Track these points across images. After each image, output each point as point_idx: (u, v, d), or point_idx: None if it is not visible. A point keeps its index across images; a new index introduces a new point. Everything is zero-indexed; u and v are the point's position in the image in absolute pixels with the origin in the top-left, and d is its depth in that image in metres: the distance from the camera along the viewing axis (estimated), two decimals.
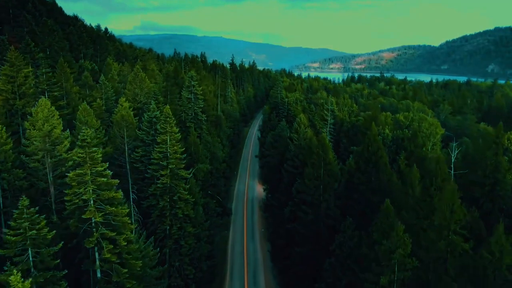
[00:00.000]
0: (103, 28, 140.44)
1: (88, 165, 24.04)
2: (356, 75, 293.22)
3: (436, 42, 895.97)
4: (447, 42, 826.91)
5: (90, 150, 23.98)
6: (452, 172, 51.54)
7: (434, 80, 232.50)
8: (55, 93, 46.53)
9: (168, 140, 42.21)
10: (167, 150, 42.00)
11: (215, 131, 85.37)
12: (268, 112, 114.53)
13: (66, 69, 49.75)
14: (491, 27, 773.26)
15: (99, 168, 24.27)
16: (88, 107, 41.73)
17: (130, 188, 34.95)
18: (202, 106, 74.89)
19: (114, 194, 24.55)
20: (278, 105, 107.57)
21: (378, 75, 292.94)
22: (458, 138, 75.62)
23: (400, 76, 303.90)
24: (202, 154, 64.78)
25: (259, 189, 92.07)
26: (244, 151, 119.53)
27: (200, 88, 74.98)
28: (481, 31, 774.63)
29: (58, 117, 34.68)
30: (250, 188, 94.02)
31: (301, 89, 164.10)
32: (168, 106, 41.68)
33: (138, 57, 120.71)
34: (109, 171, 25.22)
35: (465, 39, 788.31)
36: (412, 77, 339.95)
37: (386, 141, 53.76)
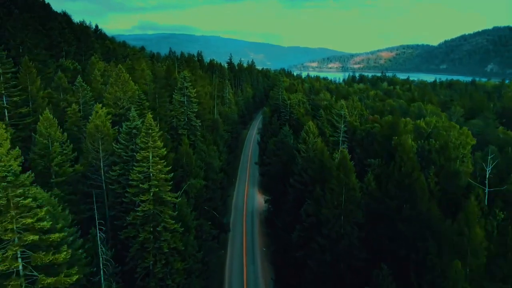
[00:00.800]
0: (104, 27, 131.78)
1: (12, 214, 15.75)
2: (357, 74, 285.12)
3: (434, 42, 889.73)
4: (445, 42, 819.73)
5: (14, 193, 15.70)
6: (487, 189, 43.60)
7: (435, 80, 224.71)
8: (15, 98, 38.22)
9: (151, 157, 33.92)
10: (149, 169, 33.69)
11: (211, 136, 77.12)
12: (268, 115, 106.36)
13: (32, 69, 41.32)
14: (490, 27, 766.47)
15: (29, 220, 15.98)
16: (51, 116, 33.32)
17: (97, 222, 26.67)
18: (196, 110, 66.64)
19: (52, 258, 16.24)
20: (280, 108, 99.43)
21: (379, 74, 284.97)
22: (482, 146, 67.67)
23: (400, 76, 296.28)
24: (196, 166, 56.53)
25: (259, 199, 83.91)
26: (243, 156, 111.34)
27: (194, 90, 66.75)
28: (480, 30, 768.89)
29: (4, 130, 26.23)
30: (249, 197, 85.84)
31: (302, 89, 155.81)
32: (150, 115, 33.29)
33: (128, 56, 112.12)
34: (48, 222, 16.86)
35: (463, 38, 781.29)
36: (411, 76, 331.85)
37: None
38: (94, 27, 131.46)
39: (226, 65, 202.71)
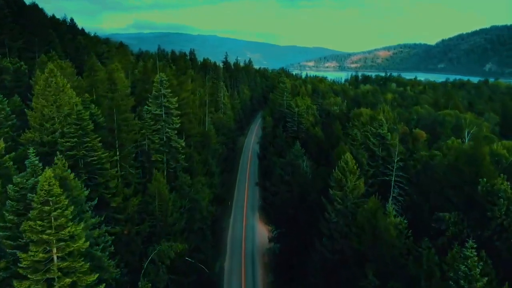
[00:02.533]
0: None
1: None
2: (356, 74, 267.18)
3: (431, 41, 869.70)
4: (443, 41, 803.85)
5: None
6: None
7: (447, 80, 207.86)
8: None
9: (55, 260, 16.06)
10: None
11: (199, 157, 59.34)
12: (270, 124, 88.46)
13: None
14: (487, 26, 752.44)
15: None
16: None
17: None
18: (178, 125, 48.75)
19: None
20: (285, 116, 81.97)
21: (382, 74, 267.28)
22: None
23: (405, 76, 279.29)
24: (174, 210, 38.79)
25: (261, 231, 66.41)
26: (240, 173, 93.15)
27: (176, 98, 48.79)
28: (478, 29, 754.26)
29: None
30: (249, 229, 68.11)
31: (305, 91, 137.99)
32: (48, 171, 15.49)
33: (103, 54, 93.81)
34: None
35: (461, 37, 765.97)
36: (410, 76, 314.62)
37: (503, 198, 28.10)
38: (69, 20, 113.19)
39: (221, 65, 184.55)
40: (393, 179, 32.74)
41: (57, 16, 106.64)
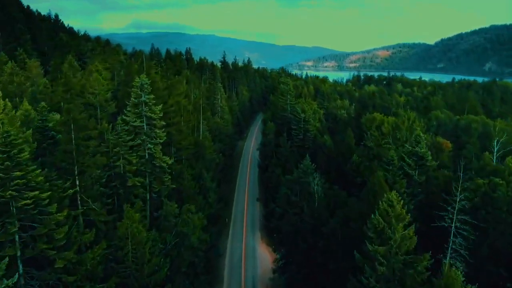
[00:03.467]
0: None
1: None
2: (361, 74, 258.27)
3: (430, 40, 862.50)
4: (442, 40, 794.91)
5: None
6: None
7: (453, 80, 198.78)
8: None
9: None
10: None
11: (191, 172, 50.19)
12: (272, 129, 79.18)
13: None
14: (487, 25, 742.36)
15: None
16: None
17: None
18: (163, 139, 39.59)
19: None
20: (289, 121, 72.89)
21: (383, 74, 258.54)
22: None
23: (409, 75, 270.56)
24: (151, 256, 29.64)
25: (263, 256, 57.55)
26: (238, 183, 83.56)
27: (160, 107, 39.57)
28: (477, 29, 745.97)
29: None
30: (249, 254, 59.05)
31: (307, 93, 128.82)
32: None
33: (87, 53, 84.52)
34: None
35: (460, 37, 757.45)
36: (410, 76, 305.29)
37: None
38: (53, 16, 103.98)
39: (219, 65, 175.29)
40: (453, 224, 23.24)
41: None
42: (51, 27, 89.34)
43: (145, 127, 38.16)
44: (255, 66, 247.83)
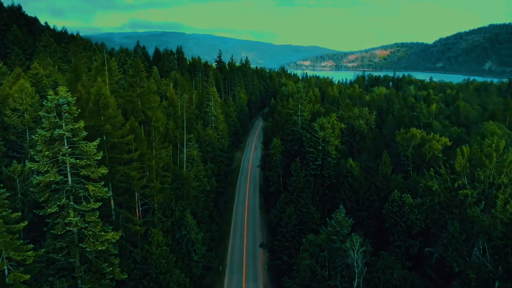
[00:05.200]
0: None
1: None
2: (360, 73, 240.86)
3: (429, 40, 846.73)
4: (440, 40, 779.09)
5: None
6: None
7: (468, 80, 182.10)
8: None
9: None
10: None
11: (163, 240, 32.97)
12: (278, 149, 61.12)
13: None
14: (485, 24, 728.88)
15: None
16: None
17: None
18: (96, 206, 22.17)
19: None
20: (300, 138, 55.70)
21: (390, 73, 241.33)
22: None
23: (414, 75, 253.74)
24: None
25: None
26: (235, 220, 64.12)
27: (95, 143, 22.19)
28: (476, 28, 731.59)
29: None
30: None
31: (313, 98, 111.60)
32: None
33: (57, 52, 67.03)
34: None
35: (459, 36, 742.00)
36: (415, 75, 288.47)
37: None
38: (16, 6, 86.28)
39: (215, 65, 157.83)
40: None
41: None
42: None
43: (69, 180, 20.80)
44: (252, 65, 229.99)
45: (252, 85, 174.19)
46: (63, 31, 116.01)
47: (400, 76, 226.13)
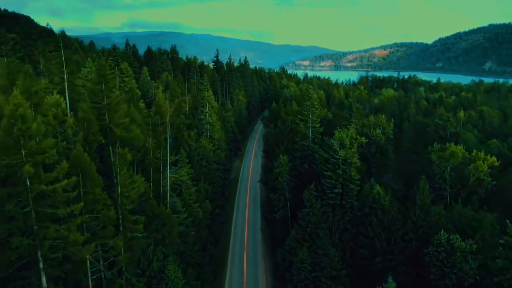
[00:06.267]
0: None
1: None
2: (369, 74, 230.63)
3: (428, 40, 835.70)
4: (440, 39, 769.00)
5: None
6: None
7: (480, 81, 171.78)
8: None
9: None
10: None
11: None
12: (285, 167, 50.04)
13: None
14: (485, 24, 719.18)
15: None
16: None
17: None
18: None
19: None
20: (311, 155, 45.19)
21: (395, 74, 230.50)
22: None
23: (419, 76, 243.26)
24: None
25: None
26: (231, 260, 52.37)
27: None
28: (475, 28, 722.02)
29: None
30: None
31: (318, 101, 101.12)
32: None
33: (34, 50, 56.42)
34: None
35: (459, 36, 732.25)
36: (421, 76, 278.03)
37: None
38: None
39: (212, 65, 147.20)
40: None
41: None
42: None
43: None
44: (251, 65, 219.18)
45: (252, 87, 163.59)
46: (49, 28, 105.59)
47: (406, 76, 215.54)
